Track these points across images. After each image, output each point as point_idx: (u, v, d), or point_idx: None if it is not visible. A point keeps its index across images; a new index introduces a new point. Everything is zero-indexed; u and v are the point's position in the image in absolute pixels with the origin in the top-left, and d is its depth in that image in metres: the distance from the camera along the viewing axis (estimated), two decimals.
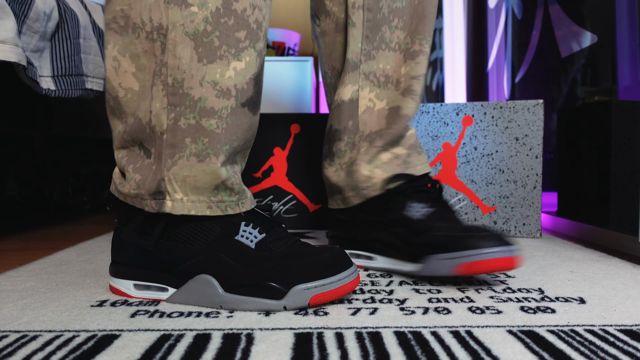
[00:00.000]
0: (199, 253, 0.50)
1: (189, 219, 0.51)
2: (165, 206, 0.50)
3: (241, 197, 0.53)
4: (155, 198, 0.51)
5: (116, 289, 0.55)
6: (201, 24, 0.48)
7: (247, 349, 0.39)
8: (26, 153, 1.38)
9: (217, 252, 0.50)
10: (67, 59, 0.89)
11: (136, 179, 0.52)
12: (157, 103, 0.49)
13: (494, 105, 0.96)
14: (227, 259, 0.50)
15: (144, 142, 0.52)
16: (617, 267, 0.68)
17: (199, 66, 0.48)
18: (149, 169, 0.51)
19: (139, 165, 0.52)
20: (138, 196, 0.52)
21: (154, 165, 0.51)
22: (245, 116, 0.52)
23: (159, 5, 0.48)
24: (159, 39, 0.48)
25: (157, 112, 0.49)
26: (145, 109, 0.50)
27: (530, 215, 0.94)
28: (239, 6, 0.49)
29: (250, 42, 0.50)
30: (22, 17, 0.77)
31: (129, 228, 0.54)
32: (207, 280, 0.49)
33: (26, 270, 0.66)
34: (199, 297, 0.50)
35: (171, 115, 0.49)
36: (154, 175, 0.51)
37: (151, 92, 0.50)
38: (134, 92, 0.51)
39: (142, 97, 0.51)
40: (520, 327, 0.44)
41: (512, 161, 0.95)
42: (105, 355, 0.38)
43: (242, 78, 0.50)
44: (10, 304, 0.51)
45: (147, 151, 0.52)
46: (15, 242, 0.94)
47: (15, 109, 0.96)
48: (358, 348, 0.39)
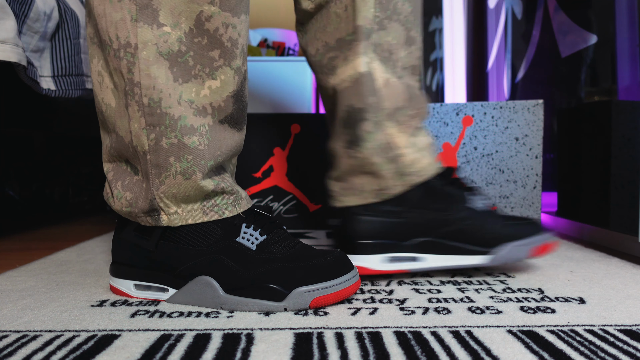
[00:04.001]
0: (199, 255, 0.50)
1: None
2: (162, 220, 0.51)
3: (236, 198, 0.53)
4: (150, 215, 0.51)
5: (116, 289, 0.55)
6: (175, 44, 0.47)
7: (247, 348, 0.39)
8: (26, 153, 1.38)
9: (218, 253, 0.50)
10: (67, 59, 0.89)
11: (127, 197, 0.52)
12: (135, 124, 0.49)
13: (494, 105, 0.96)
14: (228, 260, 0.50)
15: (129, 160, 0.52)
16: (617, 267, 0.68)
17: (175, 85, 0.48)
18: (139, 187, 0.52)
19: (128, 183, 0.53)
20: (132, 214, 0.52)
21: (143, 183, 0.51)
22: (226, 132, 0.52)
23: (125, 22, 0.47)
24: (125, 57, 0.48)
25: (136, 132, 0.49)
26: (125, 128, 0.50)
27: (530, 215, 0.94)
28: (211, 26, 0.48)
29: (225, 60, 0.50)
30: (22, 17, 0.77)
31: (130, 228, 0.54)
32: (207, 281, 0.49)
33: (26, 270, 0.66)
34: (200, 298, 0.50)
35: (151, 136, 0.49)
36: (145, 195, 0.51)
37: (127, 112, 0.49)
38: (112, 108, 0.51)
39: (118, 114, 0.51)
40: (520, 327, 0.44)
41: (512, 161, 0.95)
42: (105, 355, 0.38)
43: (219, 96, 0.50)
44: (11, 304, 0.51)
45: (133, 168, 0.53)
46: (15, 242, 0.95)
47: (15, 109, 0.96)
48: (358, 348, 0.39)
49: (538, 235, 0.62)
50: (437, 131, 0.99)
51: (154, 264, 0.52)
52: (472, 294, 0.55)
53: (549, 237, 0.63)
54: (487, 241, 0.61)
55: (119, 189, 0.53)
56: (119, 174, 0.54)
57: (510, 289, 0.57)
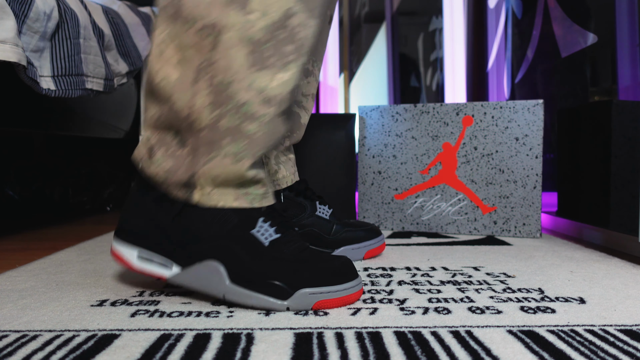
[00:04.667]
0: (213, 238, 0.50)
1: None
2: (193, 198, 0.51)
3: (267, 191, 0.54)
4: (184, 189, 0.51)
5: (119, 256, 0.53)
6: (258, 33, 0.49)
7: (247, 348, 0.39)
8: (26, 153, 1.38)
9: (232, 241, 0.50)
10: (67, 59, 0.89)
11: (165, 167, 0.52)
12: (200, 100, 0.49)
13: (494, 105, 0.96)
14: (240, 250, 0.50)
15: (180, 132, 0.52)
16: (617, 267, 0.68)
17: (249, 72, 0.49)
18: (182, 159, 0.52)
19: (171, 152, 0.52)
20: (165, 182, 0.52)
21: (188, 158, 0.51)
22: (280, 125, 0.53)
23: (215, 3, 0.48)
24: (210, 37, 0.49)
25: (198, 108, 0.50)
26: (184, 102, 0.50)
27: (530, 215, 0.94)
28: (292, 22, 0.50)
29: (296, 57, 0.51)
30: (22, 17, 0.77)
31: (149, 198, 0.53)
32: (215, 267, 0.50)
33: (26, 270, 0.66)
34: (204, 283, 0.50)
35: (214, 113, 0.49)
36: (186, 168, 0.51)
37: (193, 87, 0.50)
38: (171, 81, 0.51)
39: (179, 88, 0.51)
40: (520, 327, 0.44)
41: (512, 161, 0.95)
42: (105, 354, 0.38)
43: (284, 89, 0.51)
44: (10, 304, 0.51)
45: (181, 140, 0.52)
46: (15, 242, 0.94)
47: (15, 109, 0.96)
48: (358, 348, 0.39)
49: (373, 239, 0.75)
50: (437, 131, 0.99)
51: (165, 238, 0.52)
52: (472, 294, 0.55)
53: (381, 240, 0.76)
54: (329, 244, 0.74)
55: (160, 155, 0.53)
56: (164, 142, 0.53)
57: (510, 289, 0.57)
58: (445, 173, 0.99)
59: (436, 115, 0.99)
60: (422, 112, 1.00)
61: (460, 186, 0.98)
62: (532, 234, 0.94)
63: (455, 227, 0.99)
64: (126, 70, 1.11)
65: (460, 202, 0.98)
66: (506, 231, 0.96)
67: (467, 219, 0.98)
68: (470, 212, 0.97)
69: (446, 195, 0.99)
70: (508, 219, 0.95)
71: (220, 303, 0.51)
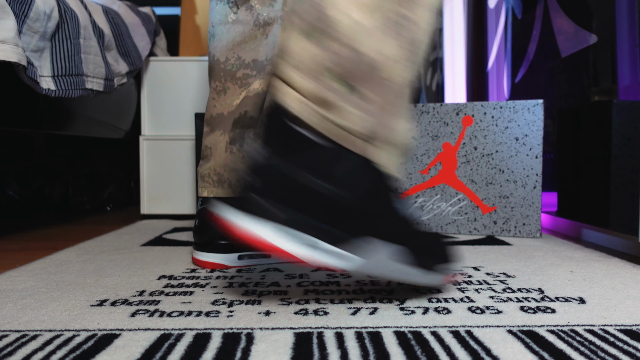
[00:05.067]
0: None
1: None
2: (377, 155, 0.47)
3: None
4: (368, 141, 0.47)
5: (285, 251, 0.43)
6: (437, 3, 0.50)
7: (247, 348, 0.39)
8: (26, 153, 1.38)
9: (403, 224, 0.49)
10: (67, 59, 0.89)
11: (354, 120, 0.46)
12: (390, 50, 0.46)
13: (494, 105, 0.96)
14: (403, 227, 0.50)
15: (359, 82, 0.46)
16: (617, 267, 0.68)
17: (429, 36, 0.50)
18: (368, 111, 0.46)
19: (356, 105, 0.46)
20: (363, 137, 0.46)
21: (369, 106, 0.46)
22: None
23: None
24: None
25: (388, 59, 0.46)
26: (371, 47, 0.45)
27: (530, 215, 0.94)
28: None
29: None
30: (22, 17, 0.77)
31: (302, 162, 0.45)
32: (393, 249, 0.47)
33: (26, 270, 0.66)
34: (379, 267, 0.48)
35: (407, 70, 0.47)
36: (378, 120, 0.47)
37: (382, 35, 0.46)
38: (356, 21, 0.45)
39: (366, 32, 0.45)
40: (520, 327, 0.44)
41: (512, 161, 0.95)
42: (105, 354, 0.38)
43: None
44: (11, 304, 0.51)
45: (362, 93, 0.46)
46: (15, 242, 0.95)
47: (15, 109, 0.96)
48: (358, 348, 0.39)
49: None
50: (437, 131, 0.99)
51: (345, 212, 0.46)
52: (472, 294, 0.55)
53: None
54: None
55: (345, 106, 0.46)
56: (338, 92, 0.46)
57: (510, 288, 0.57)
58: (445, 173, 0.99)
59: (436, 115, 0.99)
60: (422, 112, 1.00)
61: (460, 186, 0.98)
62: (532, 234, 0.94)
63: (455, 227, 0.99)
64: (126, 70, 1.11)
65: (460, 202, 0.98)
66: (506, 231, 0.96)
67: (467, 219, 0.98)
68: (470, 212, 0.97)
69: (446, 195, 0.99)
70: (508, 219, 0.95)
71: (220, 303, 0.51)
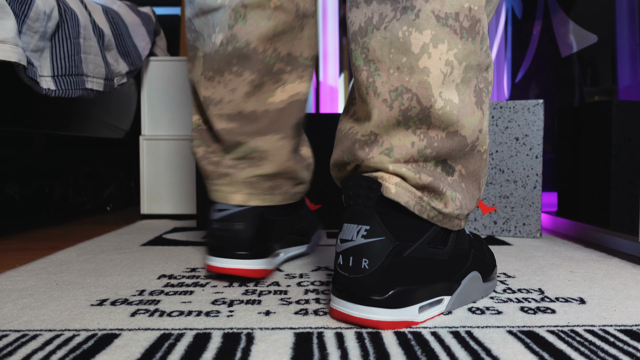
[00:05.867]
0: (469, 254, 0.52)
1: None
2: (465, 221, 0.51)
3: None
4: (467, 216, 0.51)
5: (397, 323, 0.43)
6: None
7: (247, 348, 0.39)
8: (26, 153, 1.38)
9: (475, 249, 0.53)
10: (67, 59, 0.89)
11: (459, 199, 0.47)
12: (486, 121, 0.48)
13: (494, 105, 0.96)
14: (477, 252, 0.53)
15: (450, 160, 0.47)
16: (617, 267, 0.68)
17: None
18: (459, 187, 0.48)
19: (451, 183, 0.47)
20: (459, 216, 0.48)
21: (462, 183, 0.48)
22: None
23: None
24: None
25: (485, 130, 0.48)
26: (473, 126, 0.46)
27: (530, 215, 0.94)
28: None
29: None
30: (22, 17, 0.77)
31: (423, 242, 0.46)
32: (477, 276, 0.52)
33: (26, 270, 0.66)
34: (469, 295, 0.51)
35: (488, 139, 0.50)
36: (471, 195, 0.50)
37: (481, 108, 0.47)
38: (455, 105, 0.44)
39: (466, 112, 0.45)
40: (520, 327, 0.44)
41: (512, 161, 0.95)
42: (105, 354, 0.38)
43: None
44: (10, 304, 0.51)
45: (448, 168, 0.47)
46: (15, 242, 0.95)
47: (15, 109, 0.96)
48: (358, 348, 0.39)
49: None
50: None
51: (441, 273, 0.47)
52: None
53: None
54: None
55: (449, 190, 0.47)
56: (437, 175, 0.46)
57: (510, 289, 0.57)
58: None
59: None
60: None
61: None
62: (532, 234, 0.94)
63: None
64: (126, 70, 1.11)
65: None
66: (506, 231, 0.96)
67: None
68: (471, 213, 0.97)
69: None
70: (508, 219, 0.95)
71: (220, 303, 0.51)
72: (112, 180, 1.62)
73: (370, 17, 0.45)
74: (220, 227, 0.60)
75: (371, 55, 0.45)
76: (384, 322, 0.43)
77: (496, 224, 0.96)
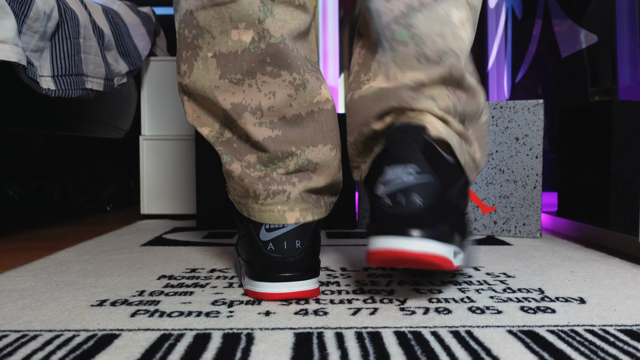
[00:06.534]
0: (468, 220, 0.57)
1: None
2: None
3: None
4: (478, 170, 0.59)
5: (447, 260, 0.47)
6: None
7: (247, 348, 0.39)
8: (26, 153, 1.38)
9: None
10: (67, 59, 0.89)
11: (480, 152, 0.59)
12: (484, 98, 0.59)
13: (494, 105, 0.96)
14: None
15: (467, 121, 0.56)
16: (617, 267, 0.68)
17: None
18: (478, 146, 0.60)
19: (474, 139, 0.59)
20: (478, 168, 0.58)
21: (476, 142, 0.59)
22: None
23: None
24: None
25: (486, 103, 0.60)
26: (484, 95, 0.58)
27: (530, 215, 0.94)
28: None
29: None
30: (22, 17, 0.77)
31: (458, 187, 0.55)
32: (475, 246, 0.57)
33: (26, 270, 0.66)
34: (470, 260, 0.56)
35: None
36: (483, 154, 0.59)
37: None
38: (474, 72, 0.58)
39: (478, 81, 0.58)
40: (520, 327, 0.44)
41: (512, 161, 0.95)
42: (105, 354, 0.38)
43: None
44: (10, 304, 0.51)
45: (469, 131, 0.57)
46: (15, 242, 0.95)
47: (15, 109, 0.96)
48: (358, 348, 0.39)
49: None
50: None
51: (463, 226, 0.53)
52: (472, 294, 0.55)
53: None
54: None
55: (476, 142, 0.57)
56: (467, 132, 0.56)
57: (510, 289, 0.57)
58: None
59: None
60: None
61: None
62: (532, 234, 0.94)
63: None
64: (126, 70, 1.11)
65: None
66: (506, 231, 0.96)
67: None
68: (470, 212, 0.97)
69: None
70: (508, 219, 0.95)
71: (220, 303, 0.51)
72: (112, 180, 1.62)
73: (409, 3, 0.53)
74: (275, 248, 0.53)
75: (415, 30, 0.52)
76: (439, 256, 0.45)
77: (496, 224, 0.96)
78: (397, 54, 0.53)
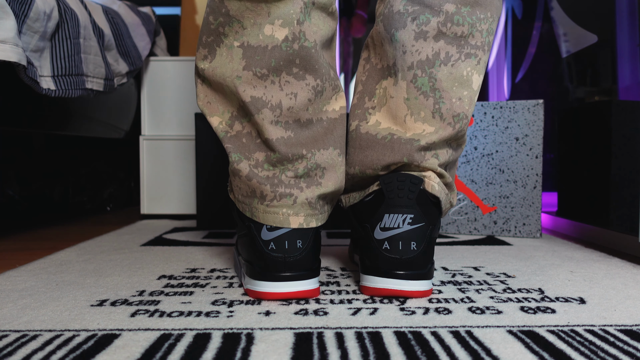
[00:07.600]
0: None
1: None
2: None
3: None
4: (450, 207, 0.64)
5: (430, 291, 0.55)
6: None
7: (247, 348, 0.39)
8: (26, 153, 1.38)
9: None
10: (67, 59, 0.89)
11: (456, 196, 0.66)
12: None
13: (494, 105, 0.96)
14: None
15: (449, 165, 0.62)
16: (617, 267, 0.68)
17: None
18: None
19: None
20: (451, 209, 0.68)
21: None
22: None
23: None
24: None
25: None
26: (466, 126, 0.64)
27: (530, 215, 0.94)
28: None
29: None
30: (22, 17, 0.77)
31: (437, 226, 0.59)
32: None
33: (26, 270, 0.66)
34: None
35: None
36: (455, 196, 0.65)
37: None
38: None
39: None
40: (520, 327, 0.44)
41: (512, 161, 0.95)
42: (105, 354, 0.38)
43: None
44: (11, 304, 0.51)
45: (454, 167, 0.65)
46: (15, 242, 0.95)
47: (15, 109, 0.96)
48: (358, 348, 0.39)
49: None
50: None
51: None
52: (472, 294, 0.55)
53: None
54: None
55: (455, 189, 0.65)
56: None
57: (510, 289, 0.57)
58: None
59: None
60: None
61: (460, 186, 0.98)
62: (532, 234, 0.94)
63: (455, 227, 0.99)
64: (126, 70, 1.11)
65: (460, 202, 0.98)
66: (506, 231, 0.96)
67: (467, 219, 0.98)
68: (470, 212, 0.97)
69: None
70: (508, 219, 0.95)
71: (220, 303, 0.51)
72: (112, 180, 1.62)
73: (437, 52, 0.55)
74: (276, 247, 0.53)
75: (437, 85, 0.55)
76: (426, 291, 0.54)
77: (496, 224, 0.96)
78: (413, 100, 0.56)
